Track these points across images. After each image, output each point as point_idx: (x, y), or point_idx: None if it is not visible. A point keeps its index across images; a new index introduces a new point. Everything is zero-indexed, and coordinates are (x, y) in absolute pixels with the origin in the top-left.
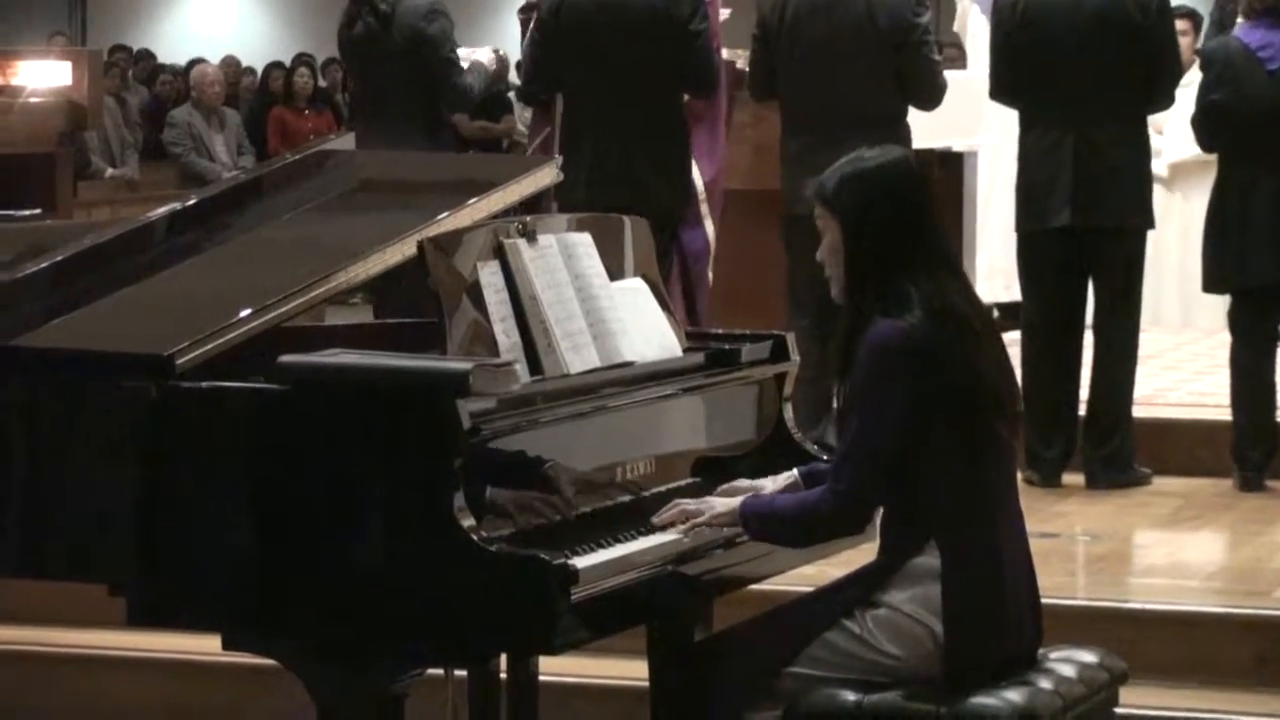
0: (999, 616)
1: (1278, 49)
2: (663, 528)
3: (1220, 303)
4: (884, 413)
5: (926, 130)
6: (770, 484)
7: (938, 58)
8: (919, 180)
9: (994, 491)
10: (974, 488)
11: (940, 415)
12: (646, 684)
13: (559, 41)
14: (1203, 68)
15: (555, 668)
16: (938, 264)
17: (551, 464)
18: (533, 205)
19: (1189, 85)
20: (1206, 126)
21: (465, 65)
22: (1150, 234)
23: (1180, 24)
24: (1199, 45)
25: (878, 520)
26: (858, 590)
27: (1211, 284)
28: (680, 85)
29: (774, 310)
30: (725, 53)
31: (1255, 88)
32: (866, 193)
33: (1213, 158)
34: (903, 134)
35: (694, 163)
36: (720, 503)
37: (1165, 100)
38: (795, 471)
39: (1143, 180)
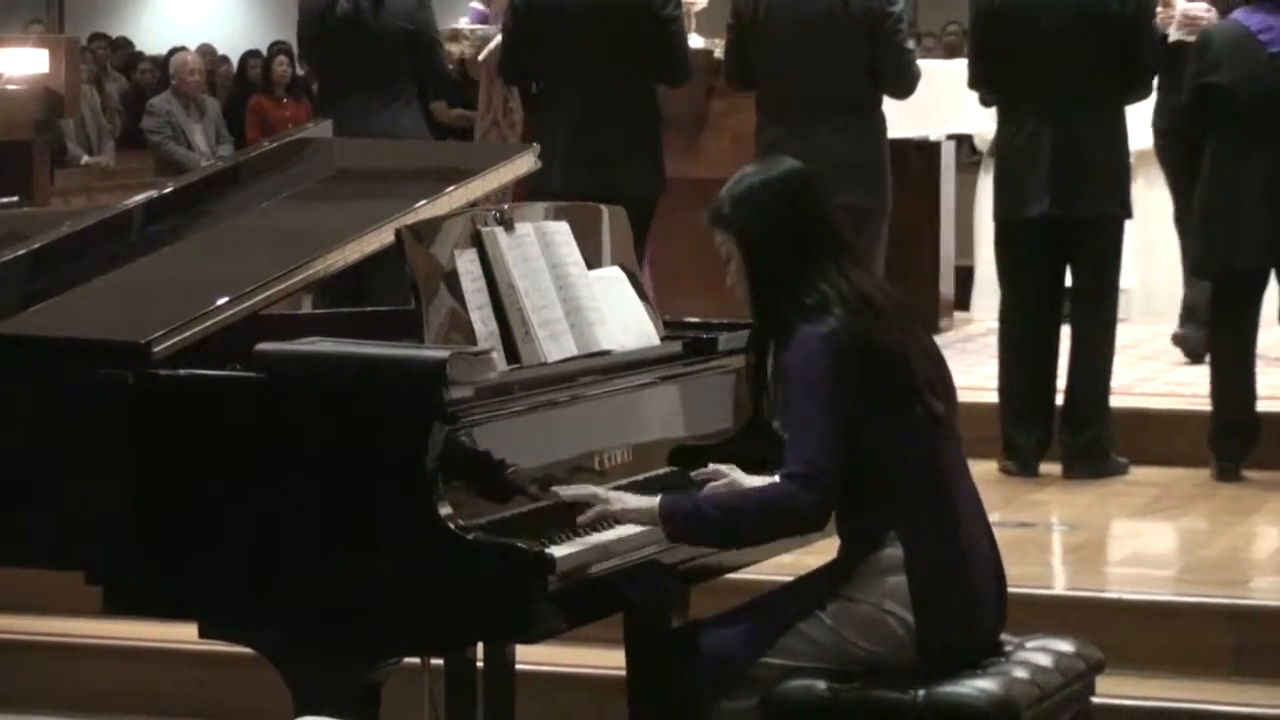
0: (967, 597)
1: (1279, 32)
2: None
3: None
4: (821, 404)
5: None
6: (751, 480)
7: (911, 47)
8: (806, 186)
9: (944, 473)
10: (923, 472)
11: (877, 403)
12: (624, 673)
13: (532, 28)
14: (1197, 51)
15: (532, 656)
16: (844, 259)
17: (514, 469)
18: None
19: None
20: (1199, 109)
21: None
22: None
23: None
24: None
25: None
26: (825, 584)
27: (1200, 269)
28: (653, 73)
29: None
30: (702, 42)
31: (1255, 71)
32: (756, 207)
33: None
34: (877, 122)
35: None
36: (628, 498)
37: (1144, 89)
38: (779, 477)
39: (1121, 170)
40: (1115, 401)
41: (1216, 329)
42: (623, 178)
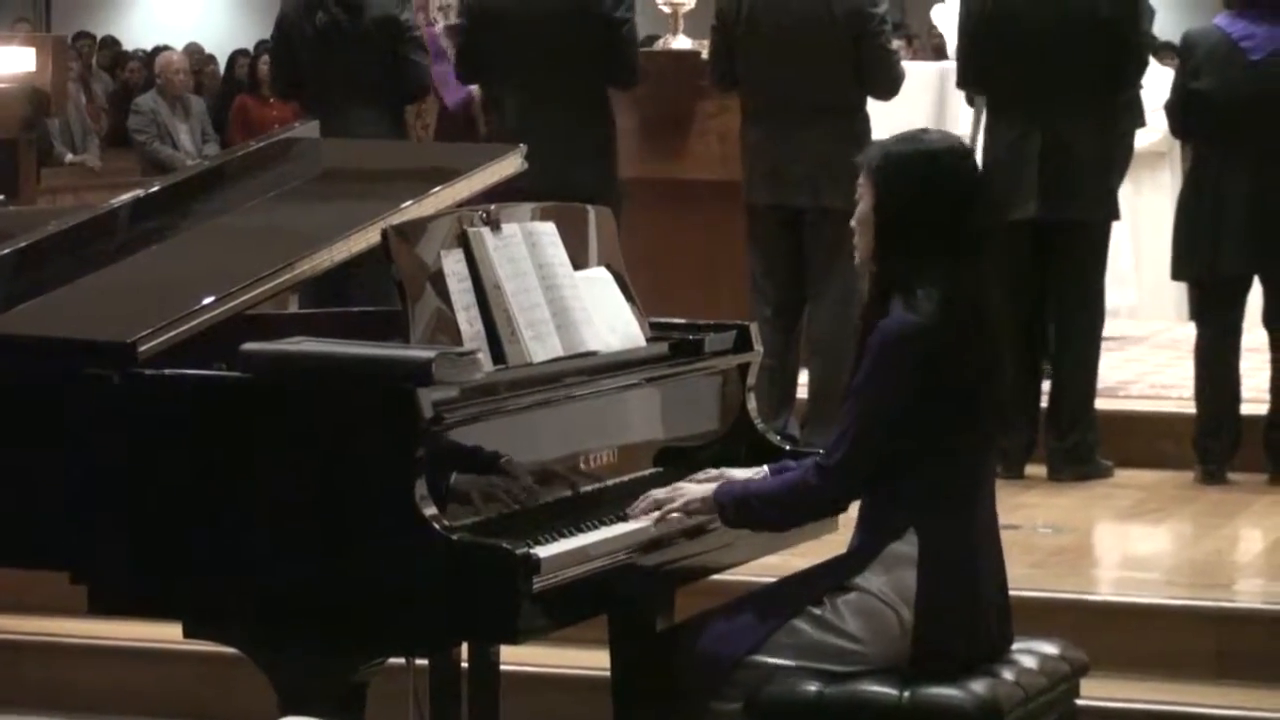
0: (970, 610)
1: (1261, 40)
2: (626, 517)
3: (1171, 294)
4: (884, 402)
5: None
6: (740, 475)
7: (894, 48)
8: (963, 172)
9: (975, 485)
10: (957, 480)
11: (938, 414)
12: (608, 674)
13: (484, 29)
14: (1181, 56)
15: (517, 657)
16: (968, 253)
17: (507, 459)
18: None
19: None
20: (1184, 114)
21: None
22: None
23: None
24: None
25: (853, 510)
26: (831, 577)
27: (1181, 272)
28: (603, 75)
29: (743, 300)
30: (690, 43)
31: (1235, 78)
32: (905, 174)
33: (1162, 150)
34: (860, 124)
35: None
36: (692, 489)
37: (1133, 83)
38: (765, 468)
39: (1109, 173)
40: (1100, 404)
41: (1200, 332)
42: (568, 180)
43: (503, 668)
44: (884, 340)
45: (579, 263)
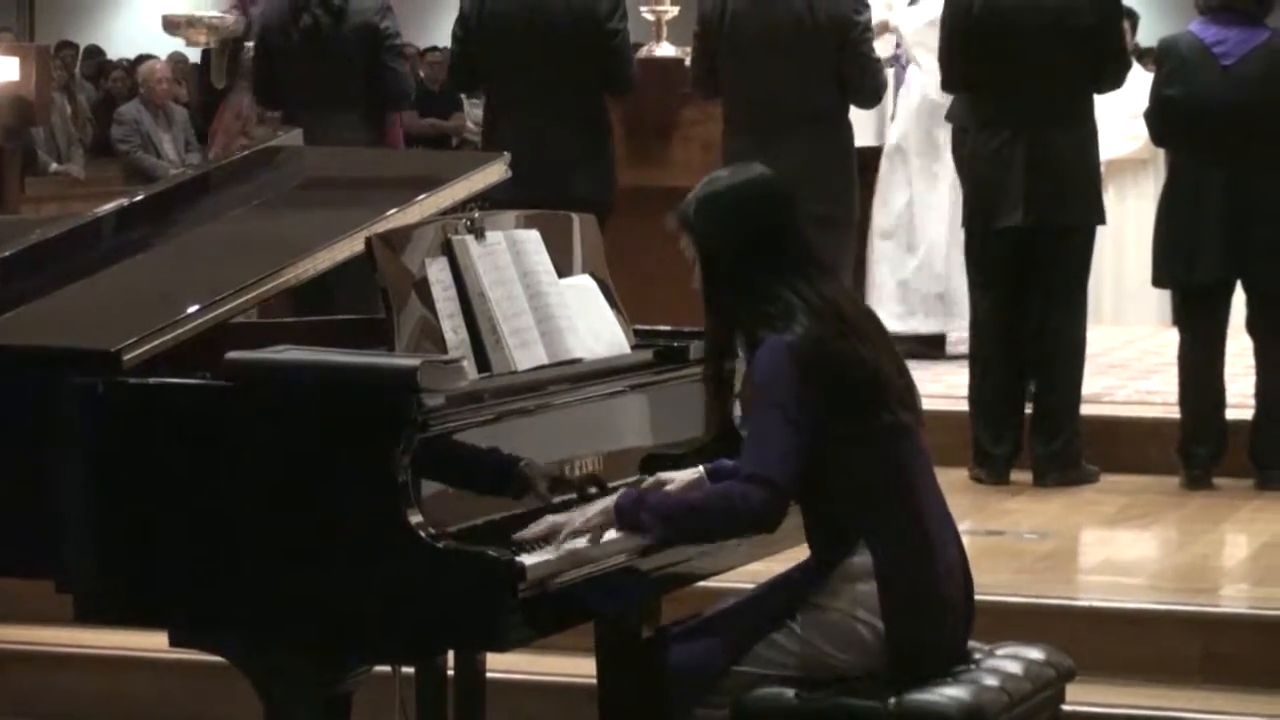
0: (936, 603)
1: (1232, 45)
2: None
3: (1154, 299)
4: (782, 411)
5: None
6: (677, 478)
7: (877, 55)
8: (773, 194)
9: (911, 482)
10: (889, 481)
11: (844, 412)
12: (594, 681)
13: (479, 37)
14: (1157, 62)
15: (503, 665)
16: (811, 270)
17: (527, 462)
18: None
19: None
20: (1159, 121)
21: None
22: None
23: None
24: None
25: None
26: (795, 591)
27: (1161, 279)
28: (599, 83)
29: None
30: (673, 50)
31: (1209, 83)
32: (718, 213)
33: (1144, 157)
34: (844, 131)
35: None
36: (591, 506)
37: (1116, 80)
38: (701, 469)
39: (1093, 178)
40: (1085, 409)
41: (1183, 337)
42: (568, 186)
43: (488, 675)
44: (773, 363)
45: (563, 270)
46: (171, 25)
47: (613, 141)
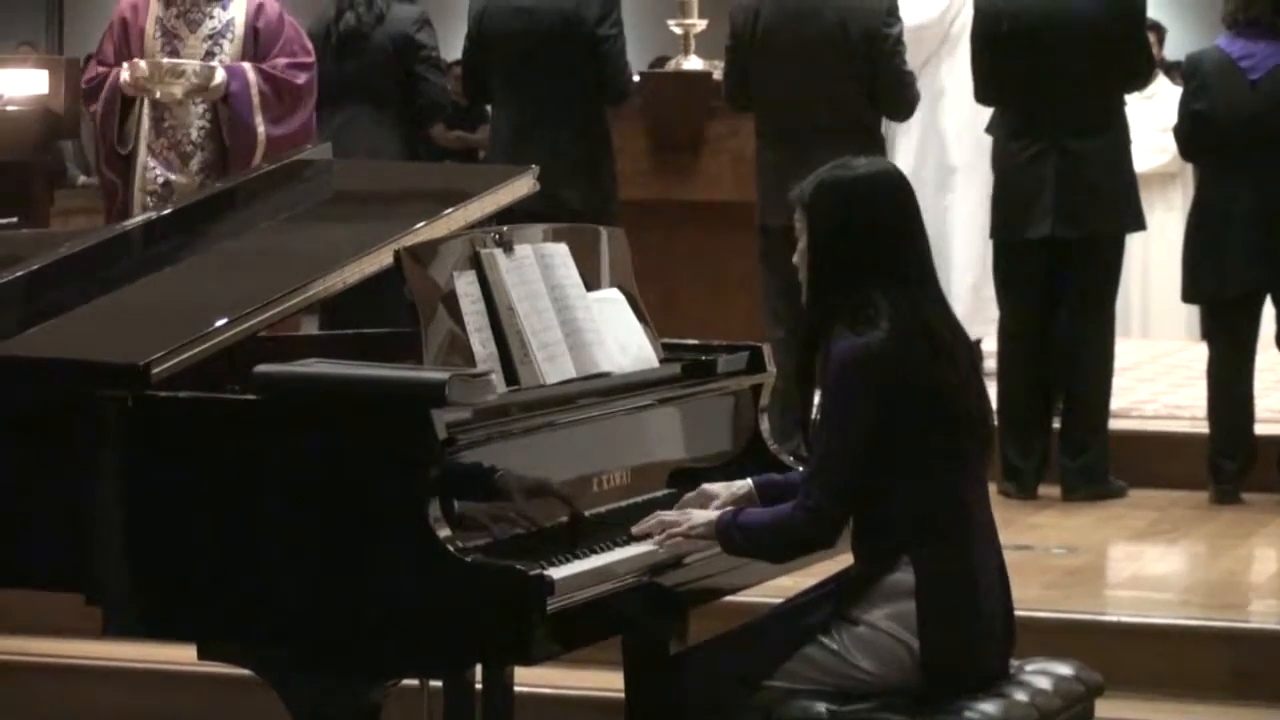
0: (974, 631)
1: (1259, 60)
2: (639, 538)
3: (1183, 314)
4: (849, 429)
5: None
6: (724, 490)
7: (910, 69)
8: (898, 193)
9: (964, 508)
10: (943, 505)
11: (905, 433)
12: (622, 696)
13: (482, 48)
14: (1185, 77)
15: (531, 678)
16: (911, 278)
17: (519, 479)
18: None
19: (1150, 97)
20: (1187, 136)
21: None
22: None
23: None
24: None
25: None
26: (834, 606)
27: (1190, 294)
28: (593, 91)
29: (756, 321)
30: (702, 63)
31: (1236, 98)
32: (839, 201)
33: (1173, 170)
34: (876, 144)
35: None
36: (699, 514)
37: (1143, 80)
38: (749, 481)
39: (1127, 188)
40: (1113, 424)
41: (1212, 351)
42: (560, 195)
43: (516, 689)
44: (839, 366)
45: (591, 284)
46: None
47: (612, 152)
